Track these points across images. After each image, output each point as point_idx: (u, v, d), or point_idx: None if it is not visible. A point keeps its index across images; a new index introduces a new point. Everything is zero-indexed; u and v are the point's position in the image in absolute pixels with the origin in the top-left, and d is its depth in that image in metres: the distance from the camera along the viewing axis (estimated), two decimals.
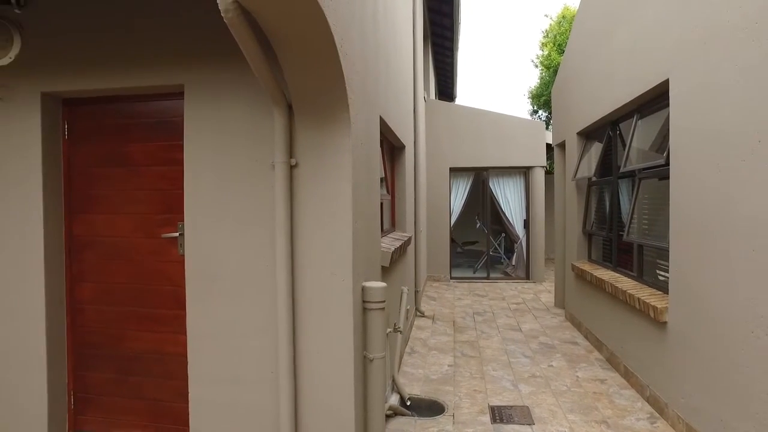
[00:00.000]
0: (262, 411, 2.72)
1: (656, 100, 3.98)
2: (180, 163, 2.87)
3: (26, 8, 2.95)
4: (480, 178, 10.36)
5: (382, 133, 4.30)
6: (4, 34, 2.98)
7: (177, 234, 2.94)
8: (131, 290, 3.09)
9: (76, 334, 3.22)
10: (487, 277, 10.15)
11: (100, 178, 3.13)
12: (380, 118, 3.78)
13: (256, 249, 2.69)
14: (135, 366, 3.12)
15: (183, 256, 2.90)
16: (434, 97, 13.16)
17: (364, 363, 2.81)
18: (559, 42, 16.02)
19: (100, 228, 3.13)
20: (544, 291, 8.82)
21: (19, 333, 3.08)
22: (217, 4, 1.94)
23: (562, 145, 7.14)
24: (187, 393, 2.89)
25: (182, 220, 2.88)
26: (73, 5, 2.93)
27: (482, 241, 11.05)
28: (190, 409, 2.87)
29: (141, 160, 3.04)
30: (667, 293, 3.59)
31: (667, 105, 3.55)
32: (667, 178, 3.55)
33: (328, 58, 2.29)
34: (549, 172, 11.57)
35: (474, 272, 10.65)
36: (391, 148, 5.80)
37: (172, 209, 2.96)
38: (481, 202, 10.68)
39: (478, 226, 11.44)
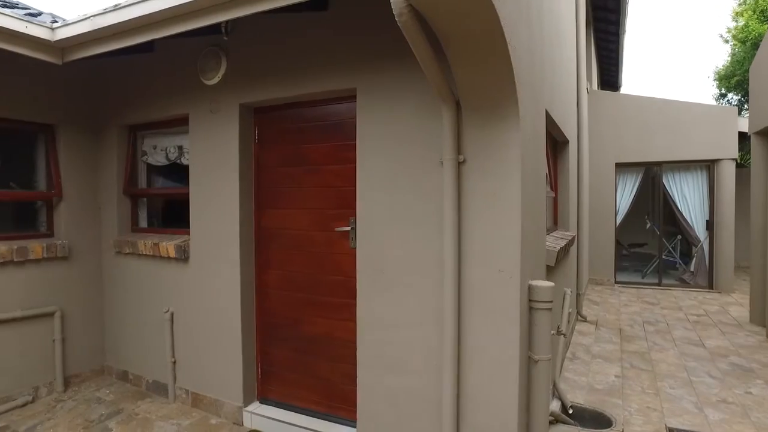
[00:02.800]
0: (424, 400, 2.81)
1: None
2: (352, 161, 3.09)
3: (231, 35, 3.43)
4: (650, 174, 9.34)
5: (546, 128, 4.12)
6: (215, 58, 3.53)
7: (349, 228, 3.17)
8: (308, 279, 3.42)
9: (262, 314, 3.67)
10: (659, 284, 9.12)
11: (283, 177, 3.51)
12: (546, 111, 3.63)
13: (423, 243, 2.78)
14: (310, 347, 3.45)
15: (354, 249, 3.12)
16: (596, 88, 12.20)
17: (528, 363, 2.73)
18: (762, 7, 13.50)
19: (283, 221, 3.52)
20: (733, 303, 7.65)
21: (222, 310, 3.64)
22: (386, 9, 2.04)
23: (763, 133, 6.09)
24: (355, 376, 3.11)
25: (354, 215, 3.10)
26: (262, 28, 3.34)
27: (652, 244, 9.96)
28: (357, 392, 3.08)
29: (317, 160, 3.34)
30: None
31: None
32: None
33: (498, 53, 2.26)
34: (741, 166, 9.97)
35: (642, 277, 9.65)
36: (554, 143, 5.54)
37: (345, 205, 3.20)
38: (652, 201, 9.63)
39: (648, 227, 10.34)
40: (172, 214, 4.42)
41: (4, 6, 3.14)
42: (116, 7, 3.05)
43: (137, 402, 3.99)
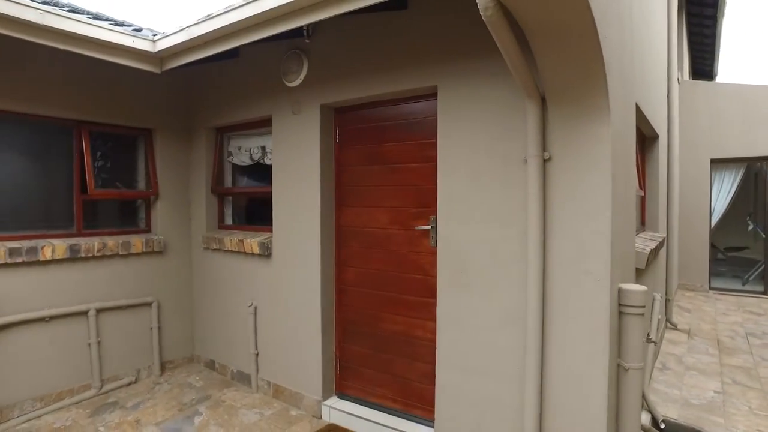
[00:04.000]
0: (505, 404, 2.73)
1: None
2: (432, 160, 3.08)
3: (312, 38, 3.53)
4: (753, 171, 8.53)
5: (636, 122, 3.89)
6: (296, 61, 3.65)
7: (429, 227, 3.15)
8: (387, 277, 3.44)
9: (341, 311, 3.75)
10: (764, 292, 8.31)
11: (362, 175, 3.56)
12: (636, 105, 3.42)
13: (506, 242, 2.71)
14: (388, 345, 3.47)
15: (434, 247, 3.10)
16: (687, 78, 11.33)
17: (617, 372, 2.58)
18: None
19: (362, 219, 3.57)
20: None
21: (303, 305, 3.75)
22: (466, 5, 2.00)
23: None
24: (433, 376, 3.09)
25: (434, 214, 3.08)
26: (341, 30, 3.39)
27: (755, 248, 9.09)
28: (435, 392, 3.06)
29: (397, 158, 3.36)
30: None
31: None
32: None
33: (588, 43, 2.15)
34: None
35: (743, 284, 8.83)
36: (643, 138, 5.20)
37: (425, 203, 3.19)
38: (755, 200, 8.79)
39: (750, 228, 9.45)
40: (255, 212, 4.63)
41: (97, 18, 3.41)
42: (209, 17, 3.23)
43: (223, 390, 4.21)
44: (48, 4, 3.24)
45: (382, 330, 3.50)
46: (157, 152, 4.59)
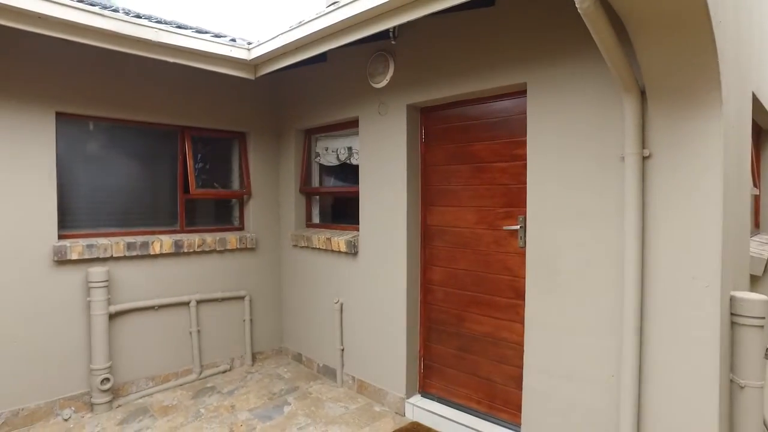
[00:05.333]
0: (597, 413, 2.61)
1: None
2: (521, 158, 3.00)
3: (399, 39, 3.58)
4: None
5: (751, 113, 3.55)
6: (383, 62, 3.72)
7: (517, 227, 3.08)
8: (473, 276, 3.41)
9: (426, 310, 3.76)
10: None
11: (449, 175, 3.55)
12: (752, 94, 3.13)
13: (600, 244, 2.58)
14: (473, 345, 3.43)
15: (522, 248, 3.03)
16: None
17: (730, 389, 2.38)
18: None
19: (449, 219, 3.56)
20: None
21: (388, 303, 3.82)
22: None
23: None
24: (520, 379, 3.02)
25: (523, 214, 3.01)
26: (428, 30, 3.40)
27: None
28: (522, 397, 2.98)
29: (484, 157, 3.31)
30: None
31: None
32: None
33: (699, 31, 2.00)
34: None
35: None
36: (758, 131, 4.74)
37: (513, 203, 3.12)
38: None
39: None
40: (341, 211, 4.76)
41: (200, 32, 3.67)
42: (300, 24, 3.37)
43: (310, 382, 4.37)
44: (161, 22, 3.53)
45: (467, 330, 3.46)
46: (250, 154, 4.86)
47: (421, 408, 3.60)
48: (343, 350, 4.26)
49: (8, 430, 3.46)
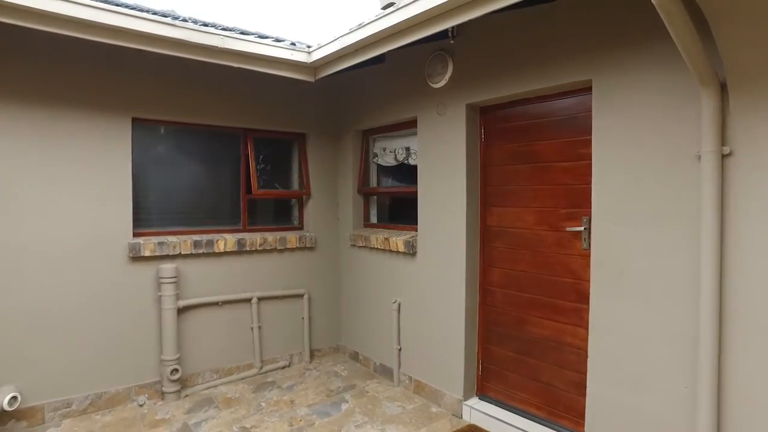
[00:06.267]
0: (668, 425, 2.48)
1: None
2: (586, 158, 2.91)
3: (457, 38, 3.55)
4: None
5: None
6: (441, 62, 3.71)
7: (581, 228, 2.98)
8: (534, 279, 3.33)
9: (485, 311, 3.71)
10: None
11: (509, 175, 3.49)
12: None
13: (672, 247, 2.46)
14: (533, 349, 3.36)
15: (587, 250, 2.93)
16: None
17: None
18: None
19: (509, 220, 3.50)
20: None
21: (447, 304, 3.79)
22: None
23: None
24: (583, 385, 2.92)
25: (587, 215, 2.91)
26: (487, 28, 3.35)
27: None
28: (586, 404, 2.89)
29: (546, 157, 3.23)
30: None
31: None
32: None
33: None
34: None
35: None
36: None
37: (576, 203, 3.03)
38: None
39: None
40: (399, 211, 4.78)
41: (262, 37, 3.78)
42: (360, 26, 3.41)
43: (366, 381, 4.42)
44: (225, 29, 3.68)
45: (527, 333, 3.39)
46: (309, 155, 4.97)
47: (479, 411, 3.56)
48: (400, 350, 4.28)
49: (94, 410, 3.74)
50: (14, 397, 3.30)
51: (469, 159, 3.61)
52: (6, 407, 3.25)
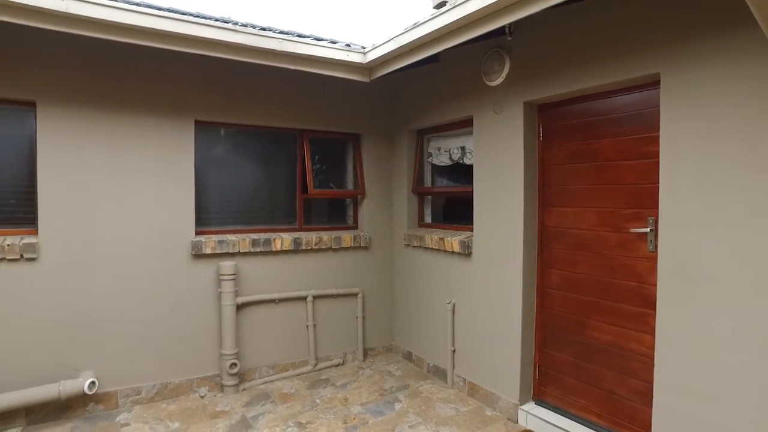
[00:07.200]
0: None
1: None
2: (651, 156, 2.77)
3: (514, 34, 3.47)
4: None
5: None
6: (498, 60, 3.64)
7: (647, 229, 2.84)
8: (594, 281, 3.21)
9: (542, 314, 3.61)
10: None
11: (568, 174, 3.37)
12: None
13: (753, 250, 2.29)
14: (594, 354, 3.23)
15: (653, 252, 2.78)
16: None
17: None
18: None
19: (568, 220, 3.38)
20: None
21: (503, 306, 3.72)
22: None
23: None
24: (648, 395, 2.78)
25: (653, 215, 2.77)
26: (545, 23, 3.25)
27: None
28: (653, 416, 2.74)
29: (608, 155, 3.10)
30: None
31: None
32: None
33: None
34: None
35: None
36: None
37: (641, 204, 2.89)
38: None
39: None
40: (453, 211, 4.73)
41: (317, 39, 3.83)
42: (415, 25, 3.40)
43: (419, 381, 4.40)
44: (283, 32, 3.77)
45: (587, 338, 3.27)
46: (363, 155, 5.02)
47: (536, 416, 3.47)
48: (454, 351, 4.23)
49: (160, 399, 3.95)
50: (93, 382, 3.54)
51: (527, 158, 3.52)
52: (86, 391, 3.50)
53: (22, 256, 3.42)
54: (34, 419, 3.49)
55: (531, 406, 3.59)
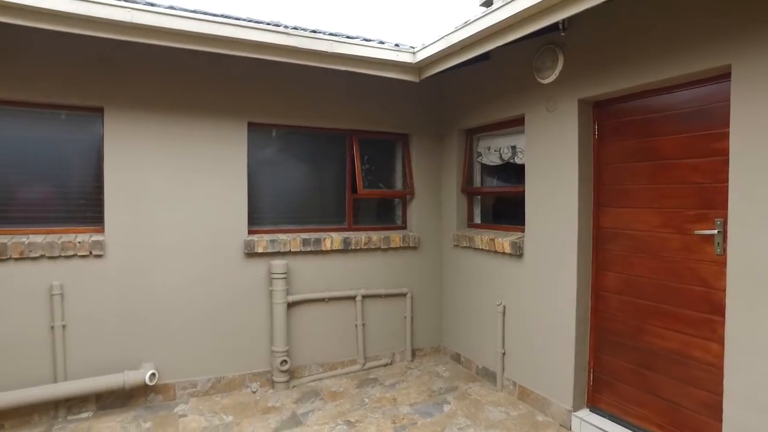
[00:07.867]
0: None
1: None
2: (719, 153, 2.61)
3: (568, 30, 3.37)
4: None
5: None
6: (550, 56, 3.54)
7: (714, 231, 2.68)
8: (654, 285, 3.06)
9: (598, 318, 3.48)
10: None
11: (626, 173, 3.24)
12: None
13: None
14: (654, 362, 3.08)
15: (720, 256, 2.63)
16: None
17: None
18: None
19: (626, 221, 3.25)
20: None
21: (556, 309, 3.62)
22: None
23: None
24: (716, 408, 2.62)
25: (721, 217, 2.61)
26: (601, 17, 3.12)
27: None
28: (723, 431, 2.58)
29: (670, 153, 2.95)
30: None
31: None
32: None
33: None
34: None
35: None
36: None
37: (708, 204, 2.73)
38: None
39: None
40: (504, 211, 4.65)
41: (367, 40, 3.85)
42: (466, 23, 3.36)
43: (468, 383, 4.35)
44: (333, 34, 3.81)
45: (646, 344, 3.13)
46: (412, 155, 5.01)
47: (590, 424, 3.35)
48: (504, 354, 4.16)
49: (214, 392, 4.09)
50: (153, 374, 3.72)
51: (582, 157, 3.40)
52: (147, 382, 3.69)
53: (91, 252, 3.63)
54: (103, 405, 3.71)
55: (585, 413, 3.47)
